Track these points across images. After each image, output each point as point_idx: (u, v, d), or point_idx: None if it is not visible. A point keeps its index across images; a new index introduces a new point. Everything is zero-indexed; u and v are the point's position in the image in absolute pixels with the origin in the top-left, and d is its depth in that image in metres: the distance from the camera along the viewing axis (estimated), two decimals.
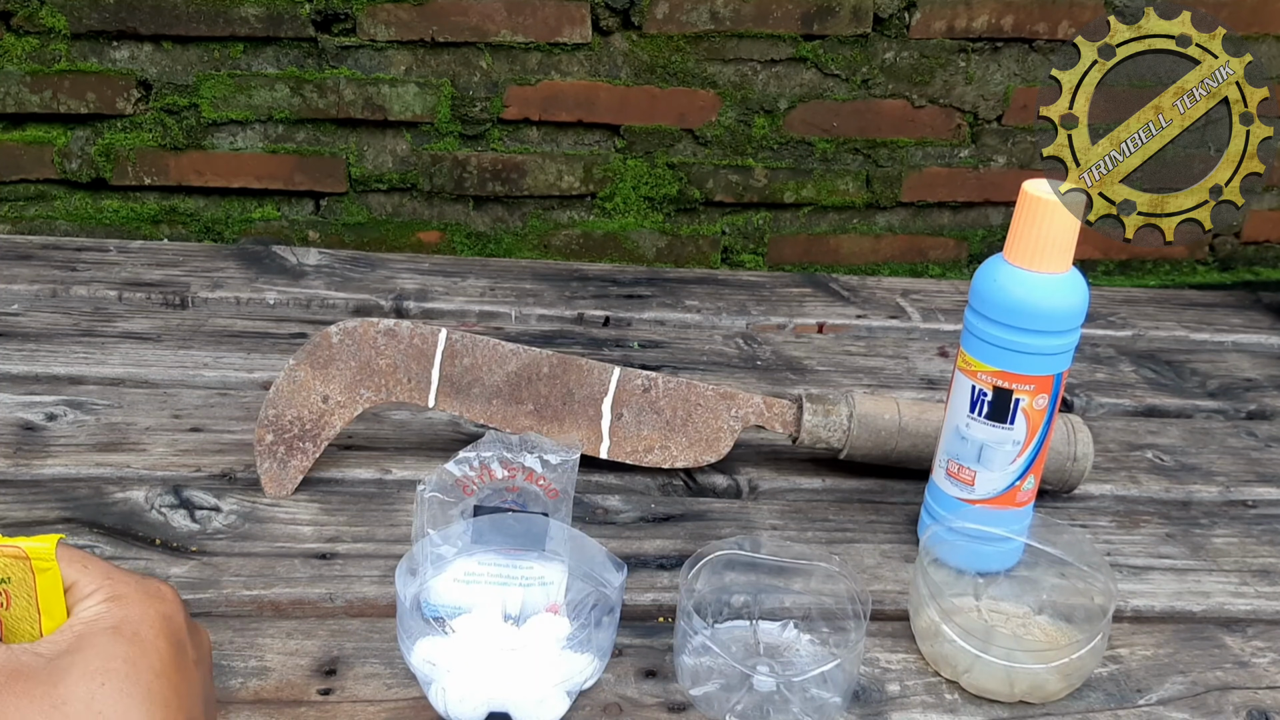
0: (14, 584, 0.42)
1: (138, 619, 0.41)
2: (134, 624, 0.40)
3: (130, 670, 0.39)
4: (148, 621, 0.41)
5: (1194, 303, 1.18)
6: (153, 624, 0.41)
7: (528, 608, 0.61)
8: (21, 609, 0.42)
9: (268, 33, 1.15)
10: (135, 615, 0.41)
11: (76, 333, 0.91)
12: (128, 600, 0.41)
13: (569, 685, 0.56)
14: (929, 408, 0.78)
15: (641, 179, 1.25)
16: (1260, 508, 0.81)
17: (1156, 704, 0.61)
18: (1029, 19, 1.22)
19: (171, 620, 0.42)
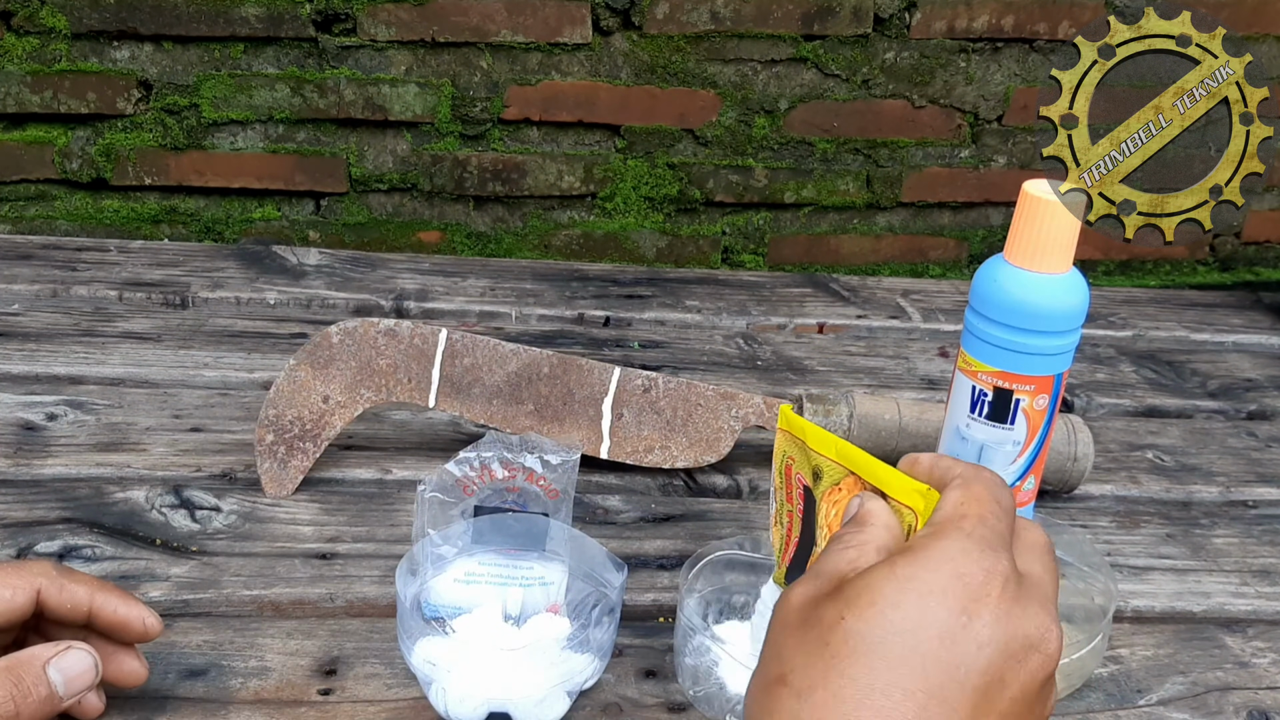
0: (788, 447, 0.47)
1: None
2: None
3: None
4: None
5: (1194, 303, 1.18)
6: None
7: (528, 608, 0.61)
8: (799, 454, 0.47)
9: (268, 33, 1.15)
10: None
11: (77, 333, 0.91)
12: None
13: (569, 685, 0.56)
14: (929, 408, 0.78)
15: (642, 179, 1.25)
16: (1260, 508, 0.81)
17: (1157, 704, 0.61)
18: (1029, 19, 1.22)
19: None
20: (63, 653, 0.49)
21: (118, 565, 0.65)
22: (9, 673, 0.48)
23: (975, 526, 0.38)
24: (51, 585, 0.51)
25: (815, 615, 0.37)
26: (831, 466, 0.45)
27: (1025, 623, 0.36)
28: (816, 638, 0.36)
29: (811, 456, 0.45)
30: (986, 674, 0.35)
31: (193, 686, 0.57)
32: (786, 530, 0.49)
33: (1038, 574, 0.38)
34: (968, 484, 0.40)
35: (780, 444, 0.47)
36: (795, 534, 0.48)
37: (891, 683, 0.34)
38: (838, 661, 0.35)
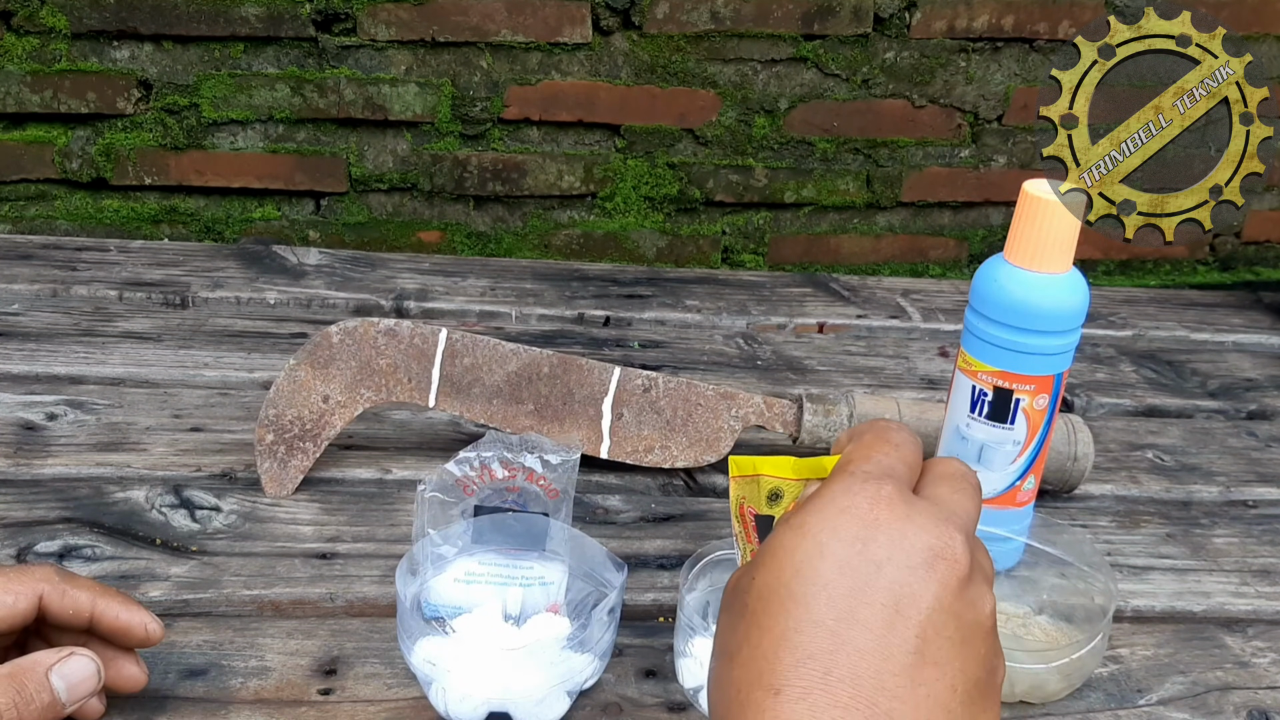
0: (742, 495, 0.47)
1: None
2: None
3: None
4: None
5: (1194, 303, 1.18)
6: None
7: (528, 608, 0.61)
8: (750, 493, 0.47)
9: (268, 33, 1.15)
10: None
11: (77, 332, 0.91)
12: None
13: (569, 685, 0.56)
14: (929, 408, 0.78)
15: (642, 179, 1.25)
16: (1260, 508, 0.81)
17: (1156, 704, 0.61)
18: (1029, 19, 1.22)
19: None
20: (65, 659, 0.50)
21: (118, 565, 0.65)
22: (11, 680, 0.48)
23: (859, 466, 0.39)
24: (54, 591, 0.51)
25: (737, 588, 0.39)
26: (789, 484, 0.46)
27: (922, 535, 0.37)
28: (738, 604, 0.38)
29: (765, 483, 0.46)
30: (892, 590, 0.36)
31: (193, 686, 0.57)
32: None
33: (943, 495, 0.39)
34: (858, 435, 0.42)
35: (734, 492, 0.48)
36: None
37: (801, 618, 0.36)
38: (754, 616, 0.37)
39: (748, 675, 0.36)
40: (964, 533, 0.38)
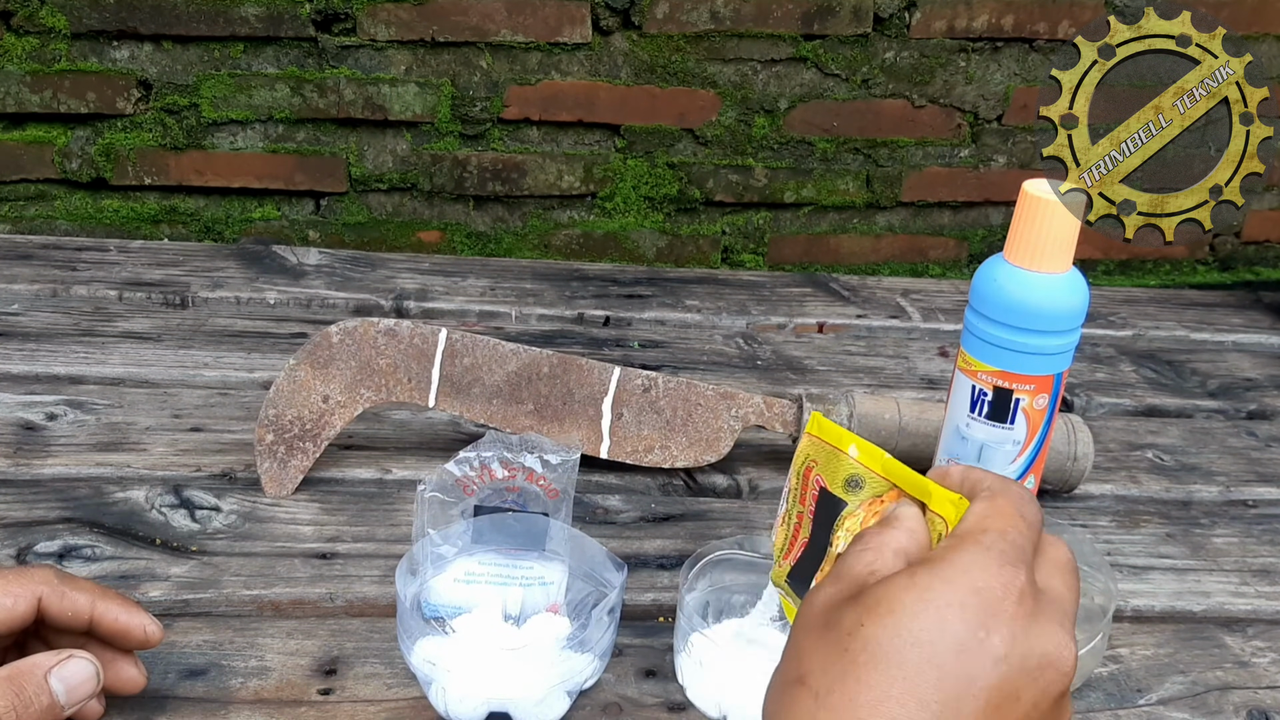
0: (814, 452, 0.47)
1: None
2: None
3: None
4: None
5: (1194, 303, 1.18)
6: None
7: (528, 608, 0.61)
8: (826, 460, 0.47)
9: (268, 33, 1.15)
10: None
11: (76, 332, 0.91)
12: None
13: (569, 685, 0.56)
14: (929, 408, 0.78)
15: (641, 179, 1.25)
16: (1260, 507, 0.81)
17: (1156, 704, 0.61)
18: (1029, 19, 1.22)
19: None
20: (64, 661, 0.49)
21: (117, 565, 0.65)
22: (10, 682, 0.48)
23: (995, 540, 0.38)
24: (53, 593, 0.51)
25: (836, 618, 0.38)
26: (875, 479, 0.45)
27: (1042, 639, 0.36)
28: (835, 641, 0.37)
29: (848, 465, 0.45)
30: (1001, 689, 0.35)
31: (193, 686, 0.57)
32: (794, 531, 0.50)
33: (1058, 590, 0.39)
34: (993, 497, 0.40)
35: (805, 447, 0.48)
36: (803, 536, 0.49)
37: (906, 692, 0.35)
38: (855, 667, 0.36)
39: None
40: (1074, 640, 0.37)
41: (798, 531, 0.49)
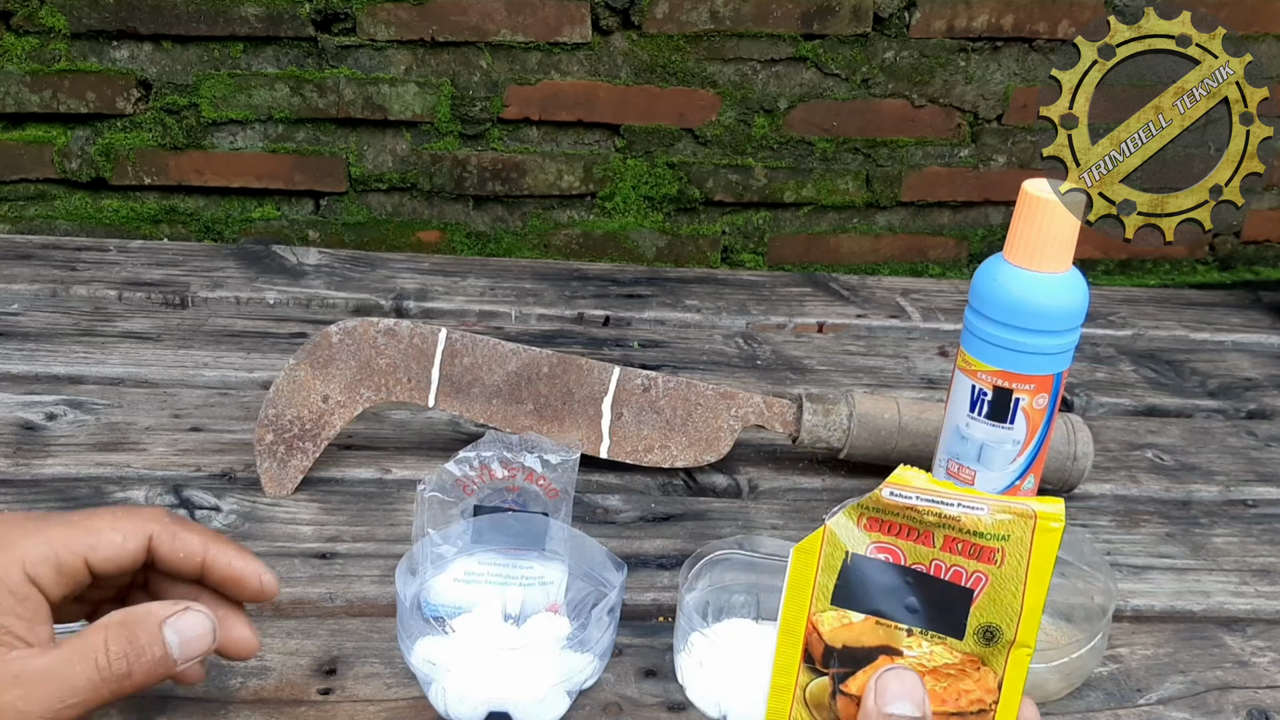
0: (1011, 543, 0.40)
1: None
2: None
3: None
4: None
5: (1194, 302, 1.18)
6: None
7: (528, 608, 0.61)
8: (1011, 571, 0.40)
9: (268, 32, 1.15)
10: None
11: (76, 332, 0.91)
12: None
13: (569, 685, 0.56)
14: (929, 407, 0.78)
15: (641, 179, 1.25)
16: (1260, 507, 0.81)
17: (1156, 704, 0.61)
18: (1029, 19, 1.22)
19: None
20: (181, 613, 0.45)
21: None
22: (124, 628, 0.43)
23: None
24: (164, 532, 0.46)
25: None
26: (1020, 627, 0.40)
27: None
28: None
29: (986, 614, 0.39)
30: None
31: (192, 686, 0.57)
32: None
33: None
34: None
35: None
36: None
37: None
38: None
39: None
40: None
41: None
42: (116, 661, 0.43)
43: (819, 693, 0.42)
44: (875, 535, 0.40)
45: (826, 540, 0.41)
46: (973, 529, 0.40)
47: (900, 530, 0.40)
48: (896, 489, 0.40)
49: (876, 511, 0.40)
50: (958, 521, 0.40)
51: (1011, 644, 0.41)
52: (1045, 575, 0.40)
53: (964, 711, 0.40)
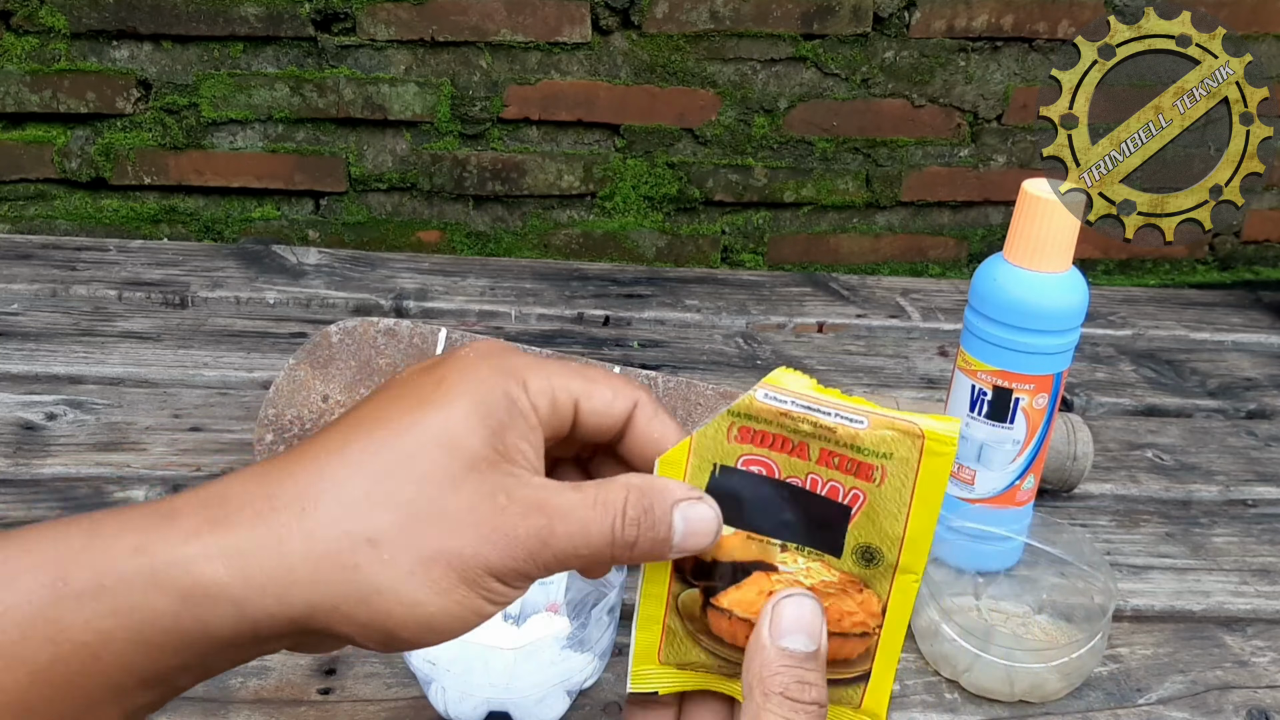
0: (893, 463, 0.37)
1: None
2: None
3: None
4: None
5: (1194, 302, 1.18)
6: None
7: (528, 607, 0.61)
8: (893, 492, 0.37)
9: (268, 32, 1.15)
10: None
11: (76, 332, 0.91)
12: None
13: (569, 685, 0.56)
14: (929, 407, 0.78)
15: (641, 179, 1.25)
16: (1260, 507, 0.81)
17: (1156, 703, 0.61)
18: (1029, 19, 1.22)
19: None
20: (694, 501, 0.38)
21: None
22: (643, 494, 0.38)
23: None
24: (649, 405, 0.40)
25: None
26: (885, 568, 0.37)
27: None
28: None
29: (862, 534, 0.37)
30: None
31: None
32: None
33: None
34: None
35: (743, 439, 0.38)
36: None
37: None
38: None
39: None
40: None
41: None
42: (629, 527, 0.37)
43: (690, 602, 0.40)
44: (746, 448, 0.38)
45: (693, 451, 0.39)
46: (850, 442, 0.37)
47: (774, 441, 0.38)
48: (771, 391, 0.37)
49: (748, 420, 0.38)
50: (834, 433, 0.37)
51: (895, 568, 0.38)
52: (935, 500, 0.37)
53: (846, 633, 0.39)
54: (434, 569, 0.33)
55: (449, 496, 0.34)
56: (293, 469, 0.34)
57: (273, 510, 0.33)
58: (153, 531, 0.32)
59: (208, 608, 0.32)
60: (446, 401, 0.35)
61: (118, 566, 0.31)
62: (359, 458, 0.34)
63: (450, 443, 0.34)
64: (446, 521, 0.34)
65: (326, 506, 0.33)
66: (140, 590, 0.31)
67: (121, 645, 0.31)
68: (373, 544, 0.33)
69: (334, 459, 0.34)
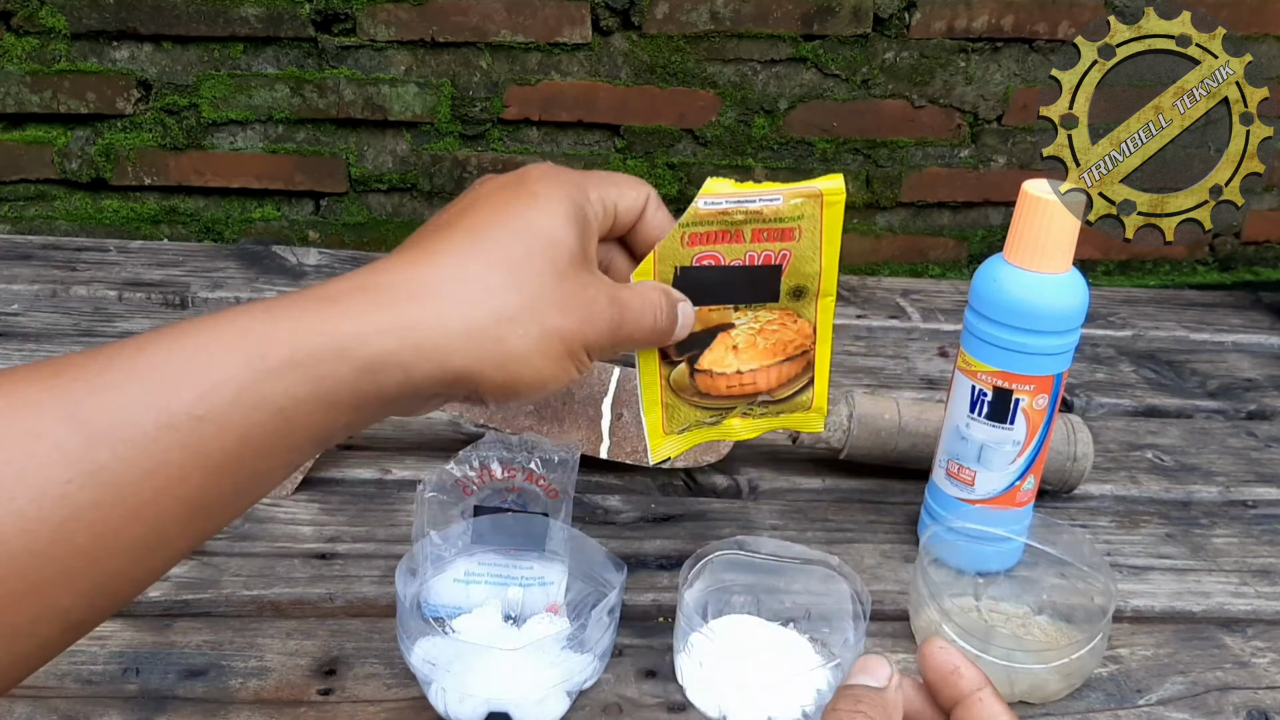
0: (805, 221, 0.50)
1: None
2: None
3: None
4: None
5: (1194, 303, 1.18)
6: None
7: (528, 608, 0.61)
8: (808, 241, 0.50)
9: (268, 33, 1.15)
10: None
11: (76, 333, 0.91)
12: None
13: (569, 685, 0.56)
14: (929, 408, 0.78)
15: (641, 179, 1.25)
16: (1260, 508, 0.81)
17: (1156, 704, 0.61)
18: (1029, 19, 1.22)
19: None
20: (682, 301, 0.51)
21: None
22: (665, 294, 0.50)
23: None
24: (655, 199, 0.51)
25: None
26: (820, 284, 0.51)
27: None
28: None
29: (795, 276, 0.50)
30: None
31: (192, 686, 0.57)
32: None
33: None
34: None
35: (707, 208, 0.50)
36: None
37: None
38: None
39: None
40: None
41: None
42: (665, 320, 0.49)
43: (680, 377, 0.54)
44: (697, 248, 0.50)
45: (657, 260, 0.50)
46: (774, 216, 0.50)
47: (716, 237, 0.50)
48: (709, 198, 0.49)
49: (696, 226, 0.50)
50: (760, 214, 0.50)
51: (817, 295, 0.52)
52: (836, 237, 0.51)
53: (791, 355, 0.53)
54: (552, 341, 0.43)
55: (559, 286, 0.43)
56: (434, 260, 0.42)
57: (429, 294, 0.41)
58: (327, 313, 0.39)
59: (383, 373, 0.39)
60: (548, 211, 0.44)
61: (306, 343, 0.38)
62: (490, 251, 0.42)
63: (556, 243, 0.43)
64: (558, 306, 0.43)
65: (474, 291, 0.41)
66: (329, 362, 0.38)
67: (309, 409, 0.38)
68: (512, 320, 0.41)
69: (469, 254, 0.42)
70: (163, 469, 0.35)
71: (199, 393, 0.36)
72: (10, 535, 0.33)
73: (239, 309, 0.39)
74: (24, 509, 0.33)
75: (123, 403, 0.35)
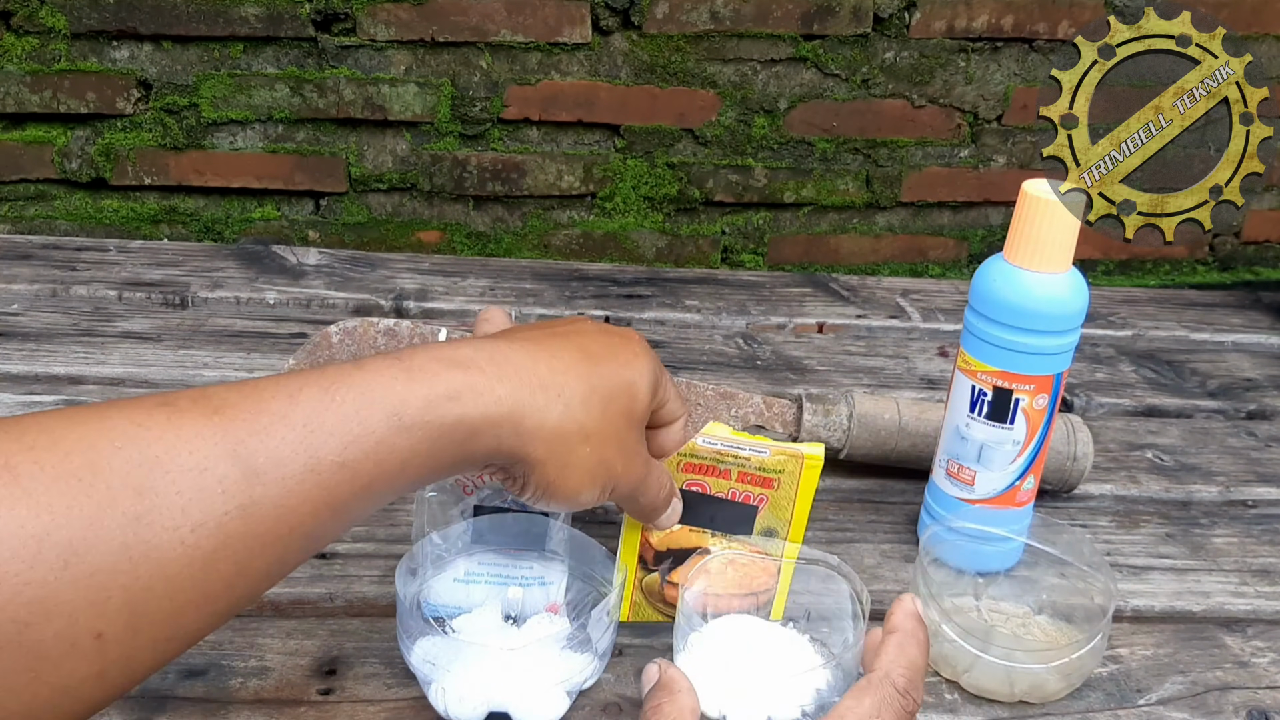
0: (785, 475, 0.58)
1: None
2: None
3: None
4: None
5: (1194, 303, 1.18)
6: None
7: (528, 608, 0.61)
8: (784, 493, 0.59)
9: (268, 32, 1.15)
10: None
11: (76, 333, 0.91)
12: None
13: (569, 685, 0.56)
14: (929, 408, 0.78)
15: (641, 179, 1.25)
16: (1260, 508, 0.81)
17: (1156, 704, 0.61)
18: (1029, 19, 1.22)
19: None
20: (679, 498, 0.59)
21: None
22: (671, 481, 0.57)
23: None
24: (684, 420, 0.57)
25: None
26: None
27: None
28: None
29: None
30: None
31: (192, 686, 0.57)
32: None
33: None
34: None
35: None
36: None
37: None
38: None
39: None
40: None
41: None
42: (668, 498, 0.57)
43: (652, 583, 0.61)
44: (689, 475, 0.58)
45: None
46: (759, 465, 0.58)
47: (707, 470, 0.58)
48: (708, 438, 0.57)
49: (692, 457, 0.58)
50: (748, 461, 0.58)
51: (785, 539, 0.60)
52: (809, 494, 0.59)
53: (755, 591, 0.60)
54: (600, 470, 0.49)
55: (625, 431, 0.51)
56: (552, 364, 0.48)
57: (542, 389, 0.47)
58: (457, 381, 0.44)
59: (481, 440, 0.45)
60: (641, 371, 0.51)
61: (437, 409, 0.43)
62: (594, 382, 0.49)
63: (637, 397, 0.51)
64: (617, 446, 0.50)
65: (572, 405, 0.47)
66: (449, 427, 0.44)
67: (421, 461, 0.43)
68: (585, 440, 0.48)
69: (578, 373, 0.49)
70: (301, 507, 0.40)
71: (344, 443, 0.41)
72: (171, 559, 0.36)
73: (379, 363, 0.44)
74: (186, 537, 0.37)
75: (277, 444, 0.39)
